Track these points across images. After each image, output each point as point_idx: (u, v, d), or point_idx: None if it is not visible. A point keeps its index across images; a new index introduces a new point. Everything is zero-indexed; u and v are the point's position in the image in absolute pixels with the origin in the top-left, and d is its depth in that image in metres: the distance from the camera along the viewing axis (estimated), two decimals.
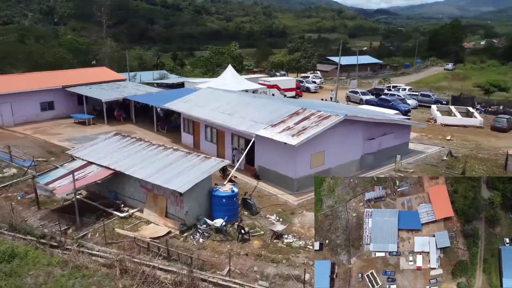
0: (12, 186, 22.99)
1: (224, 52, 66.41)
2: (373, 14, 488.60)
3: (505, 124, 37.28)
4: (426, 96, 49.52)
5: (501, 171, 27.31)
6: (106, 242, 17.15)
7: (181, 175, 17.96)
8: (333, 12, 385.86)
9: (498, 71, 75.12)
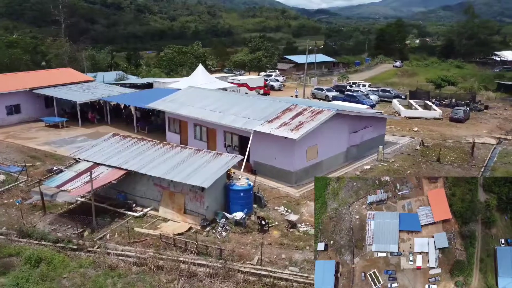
0: (5, 192, 22.03)
1: (187, 51, 66.00)
2: (314, 14, 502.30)
3: (462, 115, 40.81)
4: (386, 91, 52.71)
5: (469, 157, 30.14)
6: (130, 241, 17.18)
7: (199, 172, 18.35)
8: (277, 12, 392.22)
9: (440, 68, 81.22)
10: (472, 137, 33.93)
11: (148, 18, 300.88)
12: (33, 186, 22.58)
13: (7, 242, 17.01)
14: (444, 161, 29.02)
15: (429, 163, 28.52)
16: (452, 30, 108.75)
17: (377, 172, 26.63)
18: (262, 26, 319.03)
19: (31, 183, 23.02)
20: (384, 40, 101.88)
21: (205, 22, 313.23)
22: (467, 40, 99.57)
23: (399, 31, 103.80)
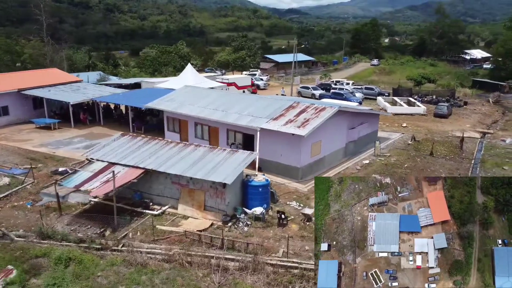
0: (12, 195, 21.65)
1: (171, 51, 65.48)
2: (285, 13, 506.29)
3: (445, 111, 42.62)
4: (370, 89, 54.24)
5: (458, 151, 31.66)
6: (154, 239, 17.34)
7: (219, 168, 18.69)
8: (249, 12, 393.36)
9: (416, 66, 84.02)
10: (461, 131, 35.53)
11: (117, 18, 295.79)
12: (41, 188, 22.37)
13: (29, 244, 16.84)
14: (436, 154, 30.38)
15: (423, 157, 29.80)
16: (424, 29, 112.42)
17: (376, 166, 27.69)
18: (234, 25, 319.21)
19: (38, 185, 22.74)
20: (359, 39, 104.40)
21: (176, 22, 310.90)
22: (438, 39, 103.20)
23: (374, 31, 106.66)
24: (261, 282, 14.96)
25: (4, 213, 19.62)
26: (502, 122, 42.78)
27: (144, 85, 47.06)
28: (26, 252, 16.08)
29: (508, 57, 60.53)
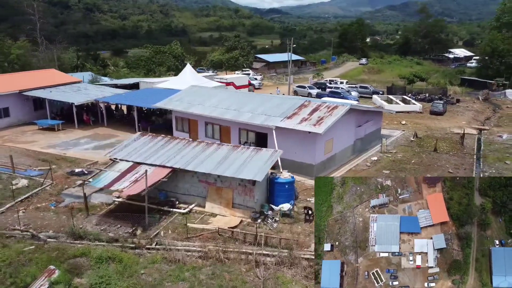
0: (33, 196, 21.54)
1: (165, 51, 65.17)
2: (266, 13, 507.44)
3: (441, 108, 43.89)
4: (364, 88, 55.29)
5: (460, 147, 32.75)
6: (187, 236, 17.58)
7: (246, 166, 19.04)
8: (230, 11, 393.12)
9: (403, 65, 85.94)
10: (461, 128, 36.71)
11: (98, 17, 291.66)
12: (61, 189, 22.32)
13: (63, 245, 16.88)
14: (440, 150, 31.37)
15: (428, 153, 30.74)
16: (409, 29, 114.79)
17: (384, 163, 28.47)
18: (217, 25, 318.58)
19: (57, 186, 22.67)
20: (346, 39, 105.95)
21: (158, 21, 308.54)
22: (422, 38, 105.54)
23: (360, 30, 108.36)
24: (299, 275, 15.41)
25: (29, 215, 19.54)
26: (494, 119, 44.30)
27: (143, 85, 46.87)
28: (63, 253, 16.12)
29: (495, 56, 62.61)
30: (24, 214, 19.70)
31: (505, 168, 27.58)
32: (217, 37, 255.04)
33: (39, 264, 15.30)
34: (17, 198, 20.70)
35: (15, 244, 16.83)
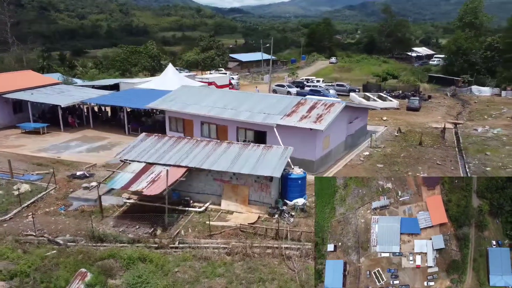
0: (38, 201, 21.02)
1: (141, 51, 63.98)
2: (228, 12, 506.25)
3: (417, 104, 46.04)
4: (341, 85, 56.93)
5: (441, 140, 34.63)
6: (209, 234, 17.83)
7: (262, 163, 19.50)
8: (192, 11, 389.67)
9: (371, 63, 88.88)
10: (441, 122, 38.73)
11: (54, 16, 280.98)
12: (66, 193, 21.89)
13: (86, 248, 16.70)
14: (424, 144, 33.05)
15: (414, 147, 32.33)
16: (373, 28, 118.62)
17: (376, 157, 29.72)
18: (179, 25, 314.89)
19: (61, 190, 22.21)
20: (314, 38, 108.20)
21: (118, 21, 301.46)
22: (386, 37, 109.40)
23: (327, 30, 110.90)
24: None
25: (40, 220, 19.06)
26: (465, 113, 46.95)
27: (123, 86, 46.10)
28: (89, 256, 15.97)
29: (459, 54, 66.14)
30: (34, 219, 19.21)
31: (487, 159, 29.52)
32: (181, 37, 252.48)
33: (68, 268, 15.15)
34: (23, 204, 20.17)
35: (35, 250, 16.47)
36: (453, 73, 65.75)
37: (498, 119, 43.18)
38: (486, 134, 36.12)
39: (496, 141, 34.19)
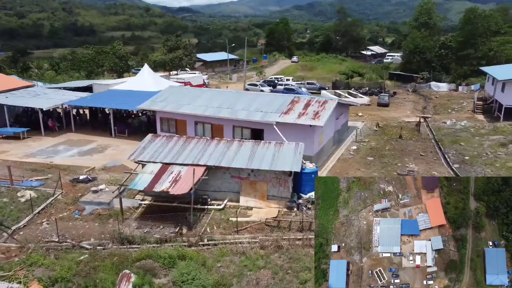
0: (48, 207, 20.41)
1: (108, 51, 61.78)
2: (177, 11, 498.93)
3: (387, 100, 48.57)
4: (311, 84, 58.64)
5: (417, 133, 36.95)
6: (237, 229, 18.28)
7: (278, 159, 20.20)
8: (141, 10, 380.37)
9: (332, 62, 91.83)
10: (418, 117, 41.13)
11: None
12: (75, 198, 21.40)
13: (119, 250, 16.61)
14: (403, 137, 35.15)
15: (395, 140, 34.32)
16: (329, 28, 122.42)
17: (364, 151, 31.31)
18: (127, 24, 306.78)
19: (67, 195, 21.66)
20: (274, 37, 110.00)
21: (61, 20, 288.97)
22: (342, 37, 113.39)
23: (286, 30, 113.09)
24: None
25: (62, 226, 18.59)
26: (430, 108, 50.14)
27: (97, 87, 44.82)
28: (125, 257, 15.91)
29: (417, 52, 70.27)
30: (49, 226, 18.72)
31: (462, 149, 31.96)
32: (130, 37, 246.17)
33: (107, 271, 15.03)
34: (34, 210, 19.53)
35: (66, 255, 16.15)
36: (411, 70, 69.75)
37: (460, 112, 46.55)
38: (455, 127, 38.94)
39: (465, 132, 36.99)
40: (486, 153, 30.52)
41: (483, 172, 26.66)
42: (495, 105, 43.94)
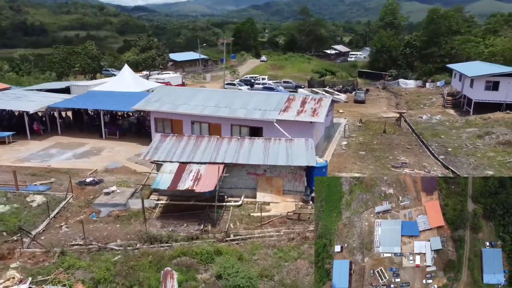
0: (61, 211, 20.02)
1: (80, 52, 59.49)
2: (132, 11, 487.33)
3: (363, 97, 50.56)
4: (288, 82, 59.80)
5: (398, 128, 38.91)
6: (261, 224, 18.82)
7: (292, 155, 20.90)
8: (95, 9, 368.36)
9: (300, 61, 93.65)
10: (396, 112, 43.17)
11: None
12: (87, 200, 21.10)
13: (151, 250, 16.69)
14: (387, 132, 36.93)
15: (380, 135, 36.02)
16: (293, 28, 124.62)
17: (354, 145, 32.70)
18: (80, 23, 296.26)
19: (78, 198, 21.31)
20: (240, 37, 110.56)
21: (8, 19, 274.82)
22: (306, 36, 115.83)
23: (252, 29, 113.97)
24: None
25: (77, 229, 18.34)
26: (402, 104, 52.68)
27: (75, 89, 43.57)
28: (160, 256, 16.05)
29: (383, 51, 73.32)
30: (69, 229, 18.45)
31: (443, 141, 34.09)
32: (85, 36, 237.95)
33: (146, 270, 15.15)
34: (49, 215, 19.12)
35: (99, 257, 16.05)
36: (378, 69, 72.70)
37: (431, 107, 49.33)
38: (431, 121, 41.34)
39: (442, 126, 39.39)
40: (466, 145, 32.75)
41: (467, 162, 28.67)
42: (464, 100, 46.94)
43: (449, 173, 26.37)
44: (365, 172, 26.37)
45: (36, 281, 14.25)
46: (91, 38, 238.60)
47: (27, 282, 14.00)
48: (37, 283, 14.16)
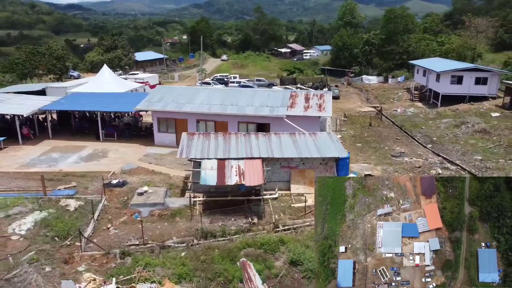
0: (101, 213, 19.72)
1: (44, 52, 55.85)
2: (65, 8, 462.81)
3: (337, 93, 52.84)
4: (260, 80, 60.82)
5: (380, 121, 41.41)
6: (304, 214, 19.80)
7: (322, 147, 22.07)
8: (25, 6, 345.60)
9: (260, 59, 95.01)
10: (376, 107, 45.68)
11: None
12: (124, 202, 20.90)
13: (211, 244, 17.07)
14: (373, 125, 39.24)
15: (367, 128, 38.22)
16: (247, 26, 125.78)
17: (348, 139, 34.54)
18: (10, 22, 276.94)
19: (111, 200, 21.03)
20: (196, 36, 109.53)
21: None
22: (260, 35, 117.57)
23: (208, 28, 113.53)
24: None
25: (126, 230, 18.31)
26: (372, 99, 55.74)
27: (52, 91, 41.63)
28: (228, 249, 16.50)
29: (344, 49, 76.62)
30: (118, 230, 18.29)
31: (426, 132, 36.83)
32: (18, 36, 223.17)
33: (219, 262, 15.59)
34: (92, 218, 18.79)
35: (166, 254, 16.21)
36: (340, 66, 75.94)
37: (400, 101, 52.74)
38: (406, 114, 44.38)
39: (417, 118, 42.47)
40: (446, 134, 35.73)
41: (455, 149, 31.35)
42: (429, 93, 50.74)
43: (443, 161, 28.78)
44: (371, 163, 28.13)
45: (119, 281, 14.20)
46: (25, 37, 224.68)
47: (113, 283, 13.93)
48: (121, 283, 14.12)
